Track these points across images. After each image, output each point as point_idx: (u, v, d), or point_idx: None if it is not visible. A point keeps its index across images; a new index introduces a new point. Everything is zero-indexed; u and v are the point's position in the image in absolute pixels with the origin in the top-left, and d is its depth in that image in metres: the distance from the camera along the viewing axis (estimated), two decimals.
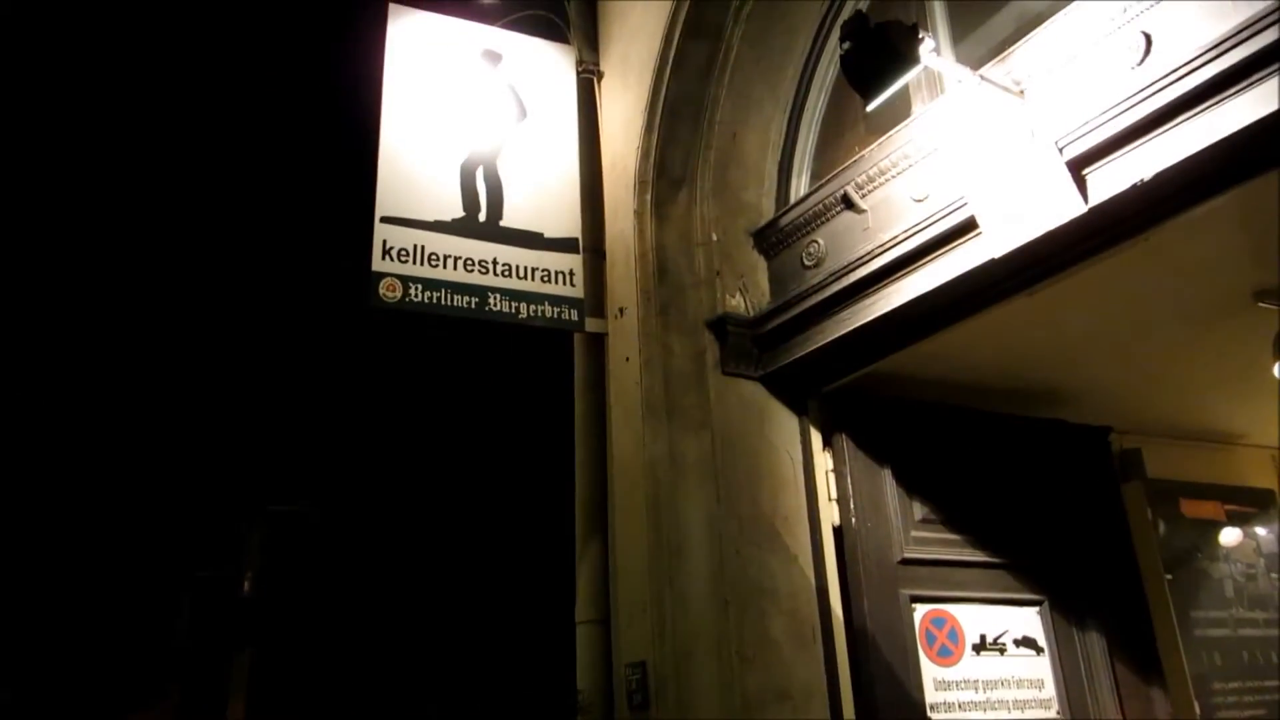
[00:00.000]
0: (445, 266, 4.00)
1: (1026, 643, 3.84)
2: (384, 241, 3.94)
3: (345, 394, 5.41)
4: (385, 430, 5.17)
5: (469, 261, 4.05)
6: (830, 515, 3.72)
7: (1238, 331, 3.81)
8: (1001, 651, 3.77)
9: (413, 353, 4.95)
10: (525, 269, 4.13)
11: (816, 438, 3.84)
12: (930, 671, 3.61)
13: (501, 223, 4.21)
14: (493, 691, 3.94)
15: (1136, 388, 4.38)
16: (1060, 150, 2.79)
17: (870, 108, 3.01)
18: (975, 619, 3.78)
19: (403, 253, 3.94)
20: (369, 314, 3.97)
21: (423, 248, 3.99)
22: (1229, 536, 4.81)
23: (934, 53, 2.90)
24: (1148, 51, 2.68)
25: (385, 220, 3.99)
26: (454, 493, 4.71)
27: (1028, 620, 3.88)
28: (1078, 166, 2.79)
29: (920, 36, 2.84)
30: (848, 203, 3.61)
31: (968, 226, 3.08)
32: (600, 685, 3.62)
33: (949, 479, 3.96)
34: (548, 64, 4.59)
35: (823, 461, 3.81)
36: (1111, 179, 2.73)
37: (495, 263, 4.08)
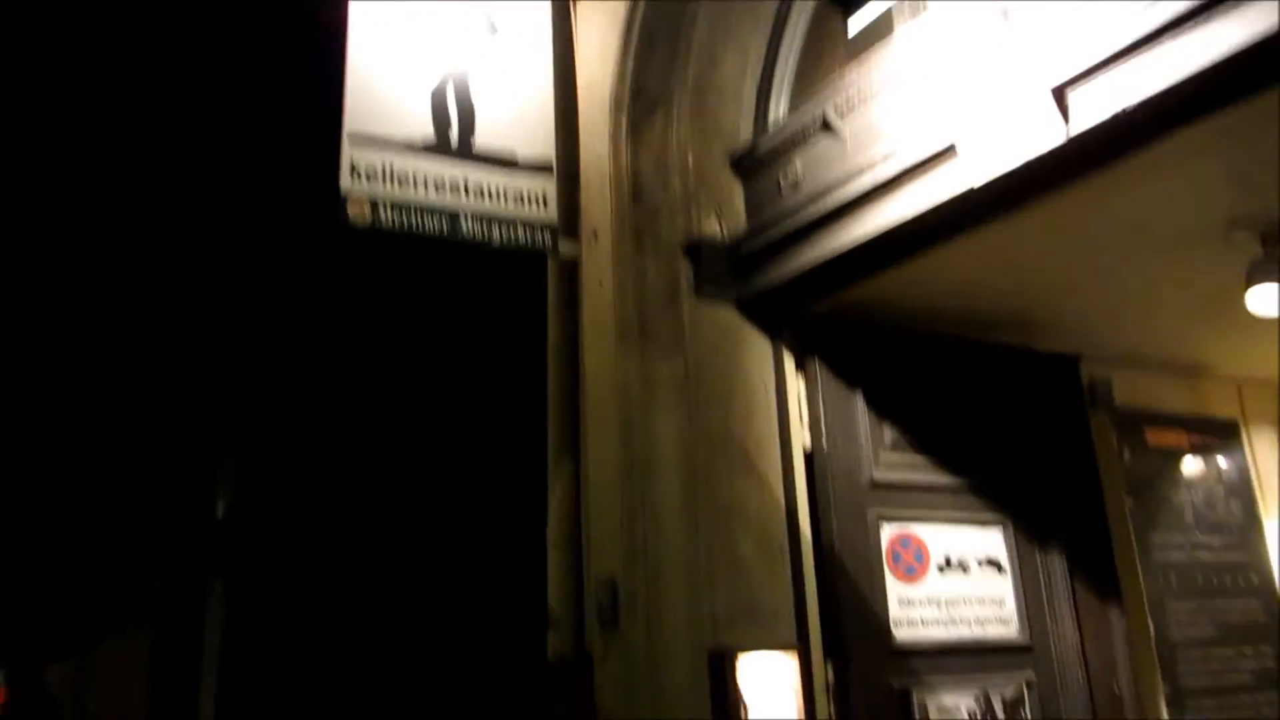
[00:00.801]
0: (415, 187, 3.94)
1: (990, 563, 3.93)
2: (352, 161, 3.87)
3: (315, 318, 5.37)
4: (358, 353, 5.14)
5: (440, 183, 3.99)
6: (801, 438, 3.76)
7: (1211, 261, 3.83)
8: (965, 571, 3.86)
9: (385, 277, 4.91)
10: (498, 191, 4.07)
11: (789, 362, 3.86)
12: (895, 589, 3.70)
13: (473, 144, 4.14)
14: (465, 610, 4.00)
15: (1108, 317, 4.42)
16: (1043, 75, 2.76)
17: (852, 29, 2.97)
18: (941, 539, 3.86)
19: (371, 172, 3.88)
20: (342, 237, 3.92)
21: (392, 168, 3.92)
22: (1191, 465, 4.91)
23: None
24: None
25: (353, 139, 3.91)
26: (427, 416, 4.72)
27: (992, 541, 3.97)
28: (1061, 92, 2.76)
29: None
30: (826, 126, 3.57)
31: (947, 152, 3.06)
32: (571, 603, 3.68)
33: (920, 404, 4.00)
34: None
35: (795, 386, 3.84)
36: (1095, 105, 2.70)
37: (467, 184, 4.02)
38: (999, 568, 3.94)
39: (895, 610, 3.68)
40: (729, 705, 3.21)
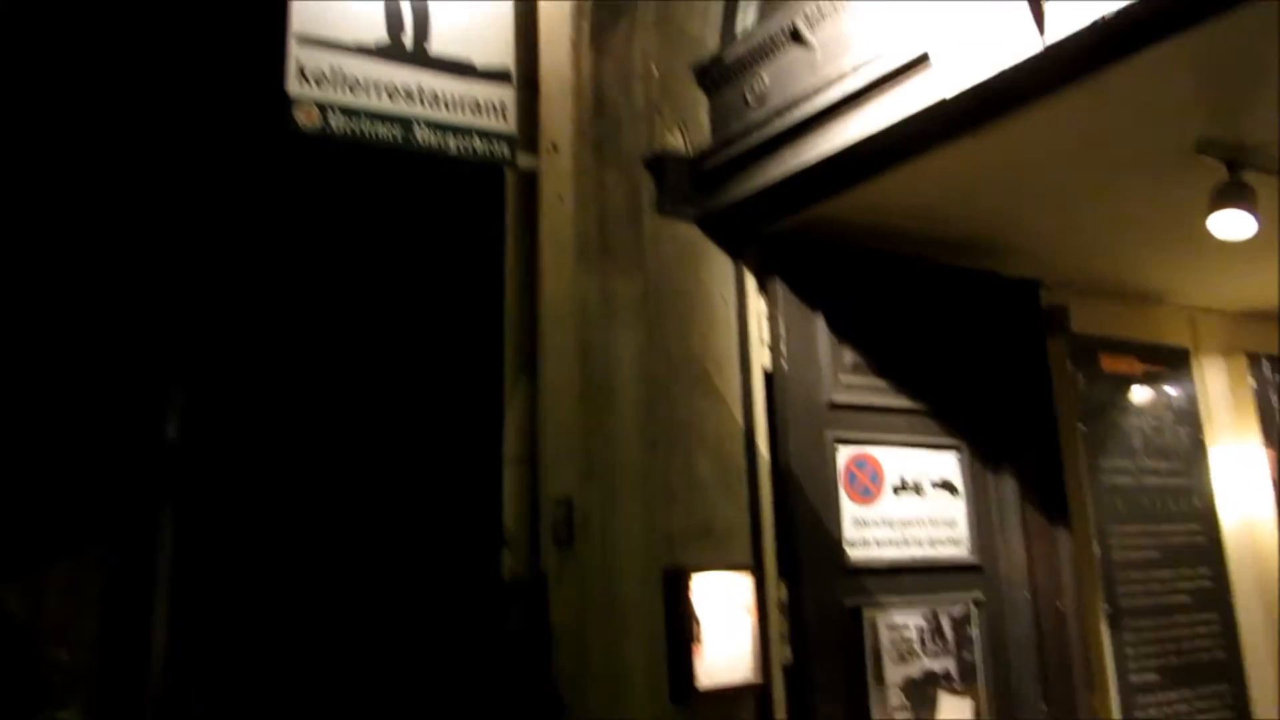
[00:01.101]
0: (367, 93, 3.77)
1: (944, 485, 3.96)
2: (300, 63, 3.68)
3: (264, 233, 5.19)
4: (308, 271, 4.99)
5: (393, 89, 3.82)
6: (761, 359, 3.73)
7: (1175, 185, 3.80)
8: (919, 492, 3.89)
9: (334, 190, 4.74)
10: (454, 100, 3.91)
11: (751, 282, 3.81)
12: (850, 510, 3.71)
13: (428, 49, 3.96)
14: (419, 529, 3.96)
15: (1069, 242, 4.40)
16: None
17: None
18: (896, 462, 3.87)
19: (320, 76, 3.70)
20: (289, 144, 3.75)
21: (342, 72, 3.74)
22: (1142, 392, 4.97)
23: None
24: None
25: (301, 41, 3.72)
26: (381, 334, 4.61)
27: (946, 464, 3.99)
28: None
29: None
30: (795, 36, 3.46)
31: (920, 62, 2.97)
32: (526, 521, 3.65)
33: (880, 326, 3.98)
34: None
35: (756, 305, 3.79)
36: (1072, 14, 2.61)
37: (421, 91, 3.86)
38: (952, 490, 3.97)
39: (849, 530, 3.70)
40: (683, 623, 3.22)
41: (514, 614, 3.58)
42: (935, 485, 3.93)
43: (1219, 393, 5.42)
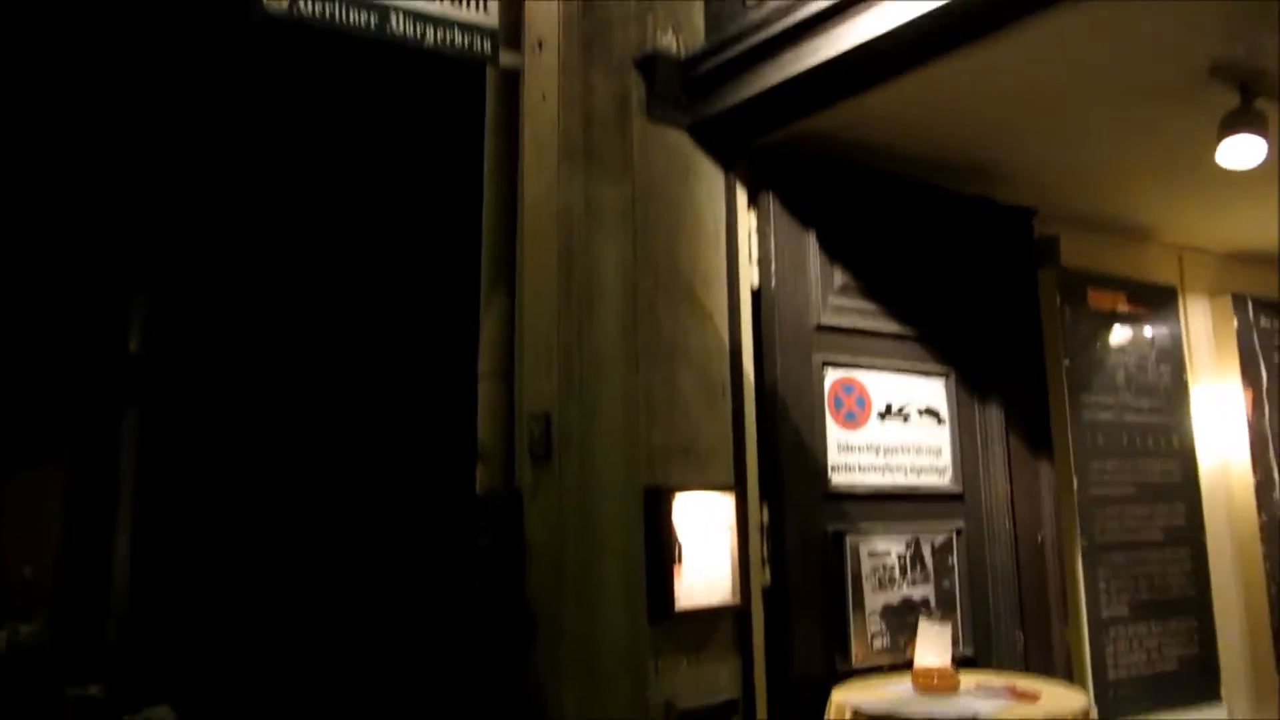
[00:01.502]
0: None
1: (930, 412, 3.88)
2: None
3: (230, 130, 4.93)
4: (275, 170, 4.75)
5: None
6: (750, 276, 3.59)
7: (1181, 115, 3.66)
8: (905, 419, 3.80)
9: (305, 85, 4.49)
10: None
11: (742, 195, 3.65)
12: (835, 435, 3.62)
13: None
14: (389, 441, 3.82)
15: (1065, 170, 4.28)
16: None
17: None
18: (883, 387, 3.78)
19: None
20: (256, 32, 3.51)
21: None
22: (1128, 328, 4.90)
23: None
24: None
25: None
26: (350, 241, 4.41)
27: (933, 391, 3.91)
28: None
29: None
30: None
31: None
32: (502, 436, 3.53)
33: (872, 248, 3.85)
34: None
35: (747, 220, 3.63)
36: None
37: None
38: (938, 418, 3.89)
39: (834, 455, 3.61)
40: (663, 544, 3.13)
41: (487, 530, 3.48)
42: (921, 412, 3.85)
43: (1202, 332, 5.38)
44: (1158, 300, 5.09)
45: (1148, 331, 5.00)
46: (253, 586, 4.36)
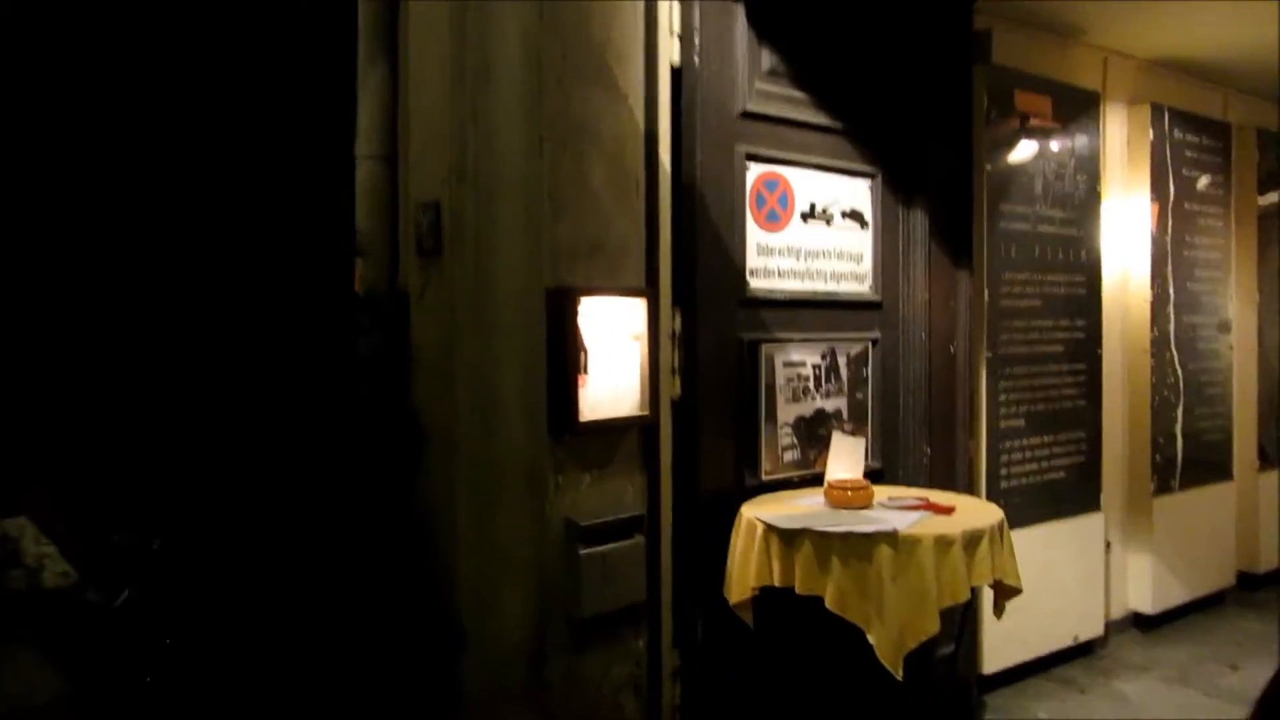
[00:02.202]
0: None
1: (854, 215, 3.61)
2: None
3: None
4: None
5: None
6: (670, 52, 3.14)
7: None
8: (828, 222, 3.53)
9: None
10: None
11: None
12: (755, 236, 3.33)
13: None
14: (261, 233, 3.33)
15: None
16: None
17: None
18: (808, 185, 3.47)
19: None
20: None
21: None
22: (1050, 134, 4.69)
23: None
24: None
25: None
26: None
27: (858, 192, 3.63)
28: None
29: None
30: None
31: None
32: (385, 227, 3.10)
33: (804, 29, 3.45)
34: None
35: None
36: None
37: None
38: (862, 222, 3.63)
39: (752, 259, 3.33)
40: (567, 351, 2.82)
41: (368, 331, 3.11)
42: (845, 215, 3.58)
43: (1118, 141, 5.25)
44: (1080, 106, 4.88)
45: (1069, 138, 4.81)
46: (113, 391, 3.89)
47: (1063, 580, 4.65)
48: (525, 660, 2.91)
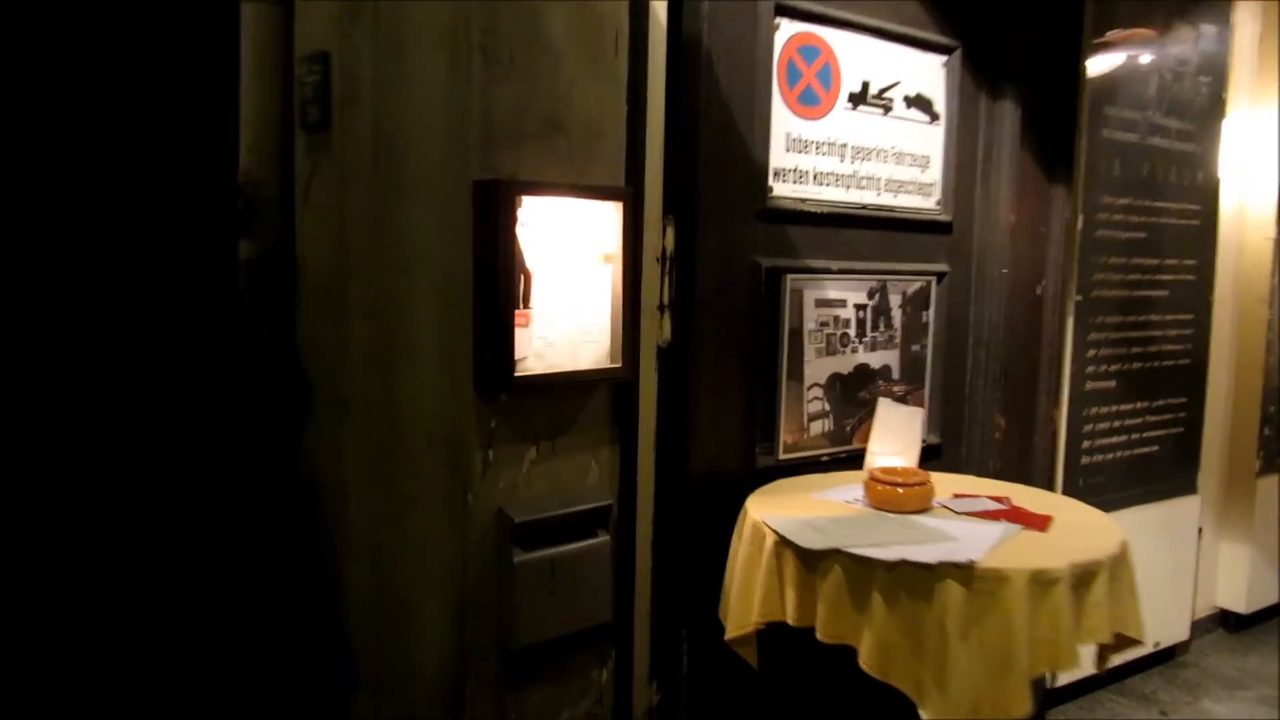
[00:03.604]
0: None
1: (920, 103, 2.66)
2: None
3: None
4: None
5: None
6: None
7: None
8: (886, 109, 2.58)
9: None
10: None
11: None
12: (784, 123, 2.40)
13: None
14: (107, 100, 2.49)
15: None
16: None
17: None
18: (860, 57, 2.52)
19: None
20: None
21: None
22: (1170, 19, 3.68)
23: None
24: None
25: None
26: None
27: (929, 72, 2.67)
28: None
29: None
30: None
31: None
32: (275, 92, 2.22)
33: None
34: None
35: None
36: None
37: None
38: (931, 113, 2.68)
39: (778, 155, 2.40)
40: (500, 272, 1.92)
41: (248, 231, 2.26)
42: (909, 102, 2.63)
43: (1248, 39, 4.20)
44: None
45: (1191, 29, 3.79)
46: None
47: (1147, 577, 3.76)
48: (440, 700, 2.09)
